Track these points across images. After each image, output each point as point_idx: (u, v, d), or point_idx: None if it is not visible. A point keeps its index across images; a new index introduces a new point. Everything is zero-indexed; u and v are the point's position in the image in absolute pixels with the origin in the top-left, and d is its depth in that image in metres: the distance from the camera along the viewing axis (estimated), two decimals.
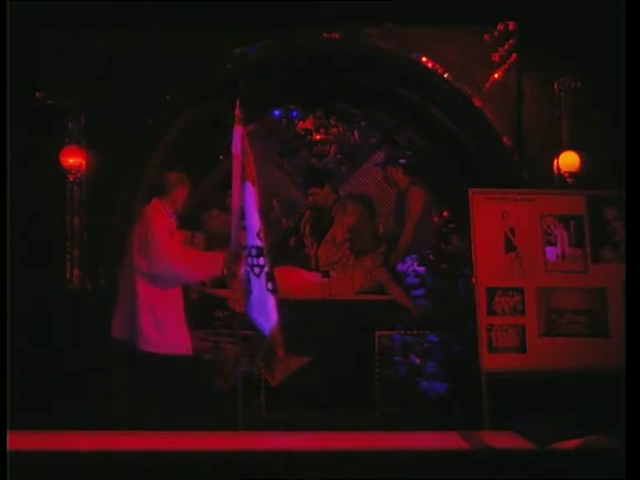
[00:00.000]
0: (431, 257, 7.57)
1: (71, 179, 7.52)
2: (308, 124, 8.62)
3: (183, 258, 6.21)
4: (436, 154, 8.35)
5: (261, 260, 5.89)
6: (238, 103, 5.99)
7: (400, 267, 7.57)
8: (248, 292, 5.87)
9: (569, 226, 6.63)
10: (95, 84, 7.49)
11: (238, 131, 6.00)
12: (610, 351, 6.20)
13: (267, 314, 5.87)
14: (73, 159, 7.50)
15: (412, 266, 7.51)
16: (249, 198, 5.96)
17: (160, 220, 6.18)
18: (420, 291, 7.36)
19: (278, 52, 7.70)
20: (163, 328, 6.02)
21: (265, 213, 7.53)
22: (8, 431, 4.27)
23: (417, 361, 7.12)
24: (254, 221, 5.95)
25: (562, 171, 7.43)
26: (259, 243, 5.90)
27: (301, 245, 8.10)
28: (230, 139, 6.02)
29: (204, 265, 6.31)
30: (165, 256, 6.06)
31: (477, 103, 7.60)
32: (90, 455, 4.30)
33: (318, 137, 8.62)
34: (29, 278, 6.95)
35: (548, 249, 6.57)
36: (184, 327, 6.17)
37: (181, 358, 6.10)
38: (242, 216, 5.94)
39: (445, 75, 7.60)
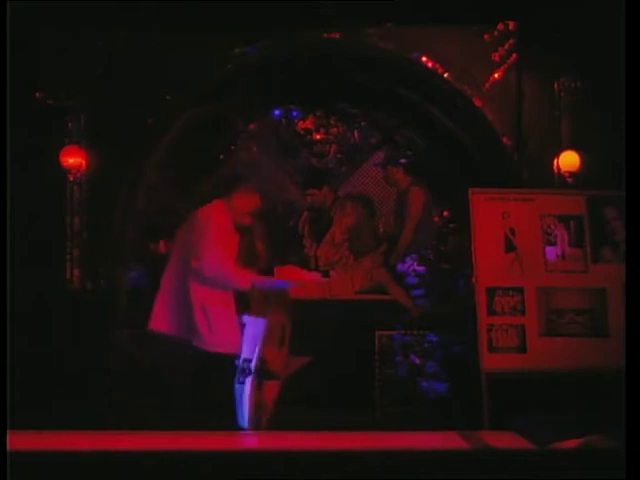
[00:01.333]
0: (431, 257, 7.57)
1: (71, 179, 7.51)
2: (308, 124, 8.62)
3: (225, 265, 5.84)
4: (436, 154, 8.34)
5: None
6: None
7: (400, 267, 7.57)
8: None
9: (569, 226, 6.62)
10: (95, 84, 7.48)
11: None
12: (610, 351, 6.19)
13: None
14: (73, 159, 7.49)
15: (412, 266, 7.50)
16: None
17: (217, 220, 5.91)
18: (420, 291, 7.36)
19: (278, 52, 7.69)
20: (214, 327, 5.84)
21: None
22: (8, 431, 4.26)
23: (417, 361, 7.11)
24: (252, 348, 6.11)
25: (562, 171, 7.43)
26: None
27: (300, 246, 8.10)
28: (230, 139, 6.02)
29: (237, 278, 5.99)
30: (211, 257, 5.78)
31: (477, 103, 7.60)
32: (90, 455, 4.29)
33: (318, 137, 8.63)
34: (29, 278, 6.95)
35: (548, 249, 6.56)
36: (235, 325, 5.97)
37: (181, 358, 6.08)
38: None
39: (445, 75, 7.59)
